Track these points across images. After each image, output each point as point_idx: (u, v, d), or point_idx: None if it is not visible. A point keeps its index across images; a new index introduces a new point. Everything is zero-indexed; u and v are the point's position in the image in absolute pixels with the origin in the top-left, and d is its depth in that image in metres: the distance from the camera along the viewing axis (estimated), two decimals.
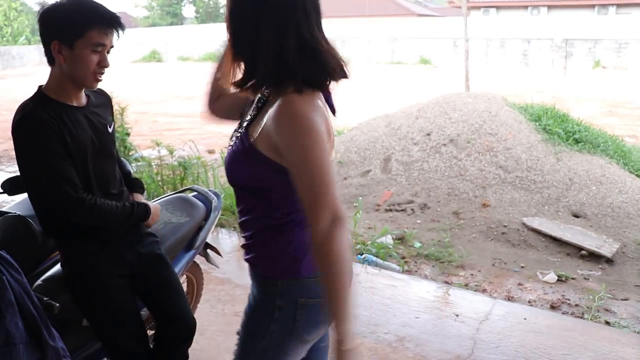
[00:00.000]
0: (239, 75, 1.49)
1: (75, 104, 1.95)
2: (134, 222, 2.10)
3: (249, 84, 1.47)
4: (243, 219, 1.61)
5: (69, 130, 1.87)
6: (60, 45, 1.82)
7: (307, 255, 1.52)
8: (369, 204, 6.05)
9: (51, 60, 1.88)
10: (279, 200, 1.51)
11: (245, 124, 1.54)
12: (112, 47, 1.91)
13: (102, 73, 1.92)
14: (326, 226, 1.35)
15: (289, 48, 1.40)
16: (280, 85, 1.41)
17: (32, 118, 1.82)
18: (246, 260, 1.64)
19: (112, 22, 1.86)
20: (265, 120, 1.44)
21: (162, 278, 2.27)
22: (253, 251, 1.61)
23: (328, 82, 1.47)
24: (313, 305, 1.55)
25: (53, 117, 1.83)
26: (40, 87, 1.94)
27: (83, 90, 1.99)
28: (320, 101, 1.46)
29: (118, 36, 1.90)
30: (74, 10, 1.81)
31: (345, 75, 1.50)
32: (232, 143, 1.57)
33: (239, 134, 1.55)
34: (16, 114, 1.86)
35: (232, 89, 1.54)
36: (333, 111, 1.54)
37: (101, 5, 1.86)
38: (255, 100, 1.56)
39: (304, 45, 1.42)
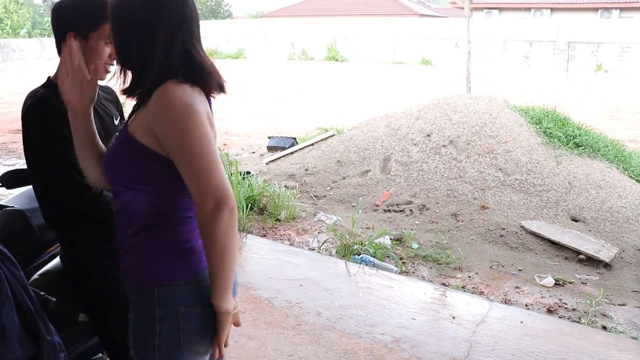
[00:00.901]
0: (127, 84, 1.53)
1: None
2: None
3: (137, 92, 1.51)
4: (120, 220, 1.58)
5: None
6: (75, 37, 1.84)
7: (183, 258, 1.50)
8: (368, 204, 6.04)
9: (60, 51, 1.92)
10: (158, 198, 1.50)
11: (126, 119, 1.57)
12: None
13: (112, 65, 1.96)
14: (210, 211, 1.36)
15: (175, 54, 1.45)
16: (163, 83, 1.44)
17: (43, 104, 1.87)
18: (122, 272, 1.60)
19: None
20: (144, 111, 1.47)
21: None
22: (128, 259, 1.58)
23: (207, 89, 1.50)
24: (196, 315, 1.49)
25: (63, 104, 1.84)
26: (49, 77, 1.98)
27: None
28: (202, 97, 1.48)
29: None
30: (90, 3, 1.86)
31: (223, 91, 1.55)
32: (113, 141, 1.58)
33: (120, 130, 1.58)
34: (26, 100, 1.91)
35: (122, 97, 1.57)
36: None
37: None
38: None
39: (189, 55, 1.47)
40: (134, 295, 1.57)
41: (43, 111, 1.86)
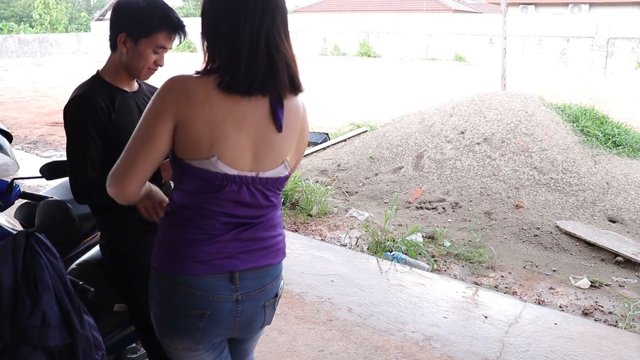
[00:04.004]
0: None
1: (127, 89, 2.09)
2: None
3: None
4: None
5: (118, 115, 1.99)
6: (126, 39, 1.95)
7: (170, 253, 1.54)
8: (400, 201, 6.01)
9: (113, 47, 2.01)
10: (175, 189, 1.57)
11: None
12: (170, 49, 2.04)
13: (156, 70, 2.06)
14: (107, 181, 1.51)
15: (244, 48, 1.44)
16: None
17: (82, 97, 1.95)
18: None
19: (178, 28, 1.99)
20: None
21: None
22: None
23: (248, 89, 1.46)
24: (168, 309, 1.55)
25: (105, 99, 1.97)
26: (98, 70, 2.07)
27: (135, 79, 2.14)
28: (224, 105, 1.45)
29: (180, 42, 2.04)
30: (147, 11, 1.92)
31: (297, 90, 1.54)
32: None
33: None
34: (73, 92, 2.01)
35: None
36: (279, 127, 1.51)
37: (172, 10, 1.98)
38: None
39: (256, 52, 1.45)
40: None
41: (79, 105, 1.94)
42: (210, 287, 1.51)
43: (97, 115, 1.94)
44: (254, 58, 1.43)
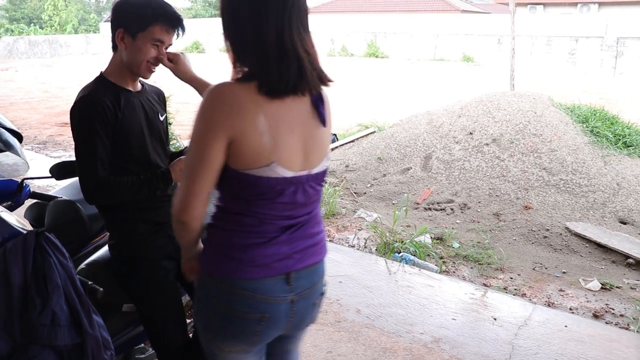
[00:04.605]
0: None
1: (131, 89, 2.09)
2: (156, 189, 2.11)
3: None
4: None
5: (122, 112, 2.00)
6: (124, 34, 1.97)
7: (228, 258, 1.51)
8: (408, 202, 5.99)
9: (115, 47, 2.03)
10: (223, 196, 1.54)
11: None
12: (170, 44, 2.06)
13: (156, 65, 2.06)
14: (172, 212, 1.49)
15: (270, 49, 1.42)
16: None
17: (88, 98, 1.96)
18: None
19: (174, 22, 2.00)
20: None
21: None
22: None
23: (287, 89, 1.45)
24: (224, 313, 1.53)
25: (110, 99, 1.98)
26: (101, 72, 2.08)
27: (139, 79, 2.15)
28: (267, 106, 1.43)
29: (177, 36, 2.05)
30: (142, 5, 1.95)
31: (325, 84, 1.53)
32: None
33: None
34: (78, 94, 2.02)
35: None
36: (323, 122, 1.54)
37: (168, 4, 1.99)
38: None
39: (282, 48, 1.42)
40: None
41: (86, 105, 1.96)
42: (269, 290, 1.51)
43: (104, 115, 1.95)
44: (282, 60, 1.42)
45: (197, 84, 2.07)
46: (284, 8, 1.41)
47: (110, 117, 1.96)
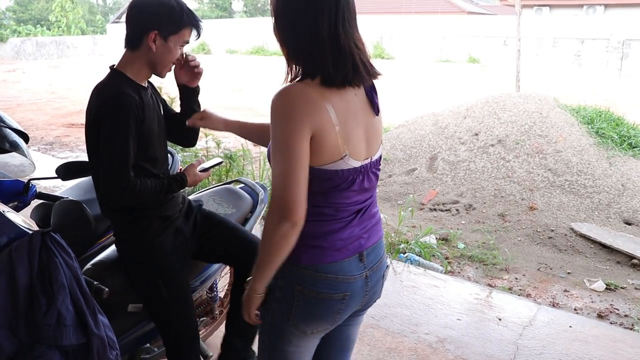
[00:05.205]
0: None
1: (144, 85, 2.11)
2: (172, 192, 2.15)
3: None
4: None
5: (145, 109, 2.01)
6: (157, 36, 1.97)
7: (310, 247, 1.58)
8: (414, 202, 5.99)
9: (135, 44, 2.00)
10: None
11: None
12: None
13: (174, 64, 2.12)
14: (272, 217, 1.49)
15: (325, 48, 1.48)
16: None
17: (122, 95, 1.94)
18: None
19: (198, 24, 2.07)
20: None
21: (218, 220, 2.42)
22: None
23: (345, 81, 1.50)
24: (310, 297, 1.59)
25: (137, 96, 1.98)
26: (114, 67, 2.06)
27: None
28: (339, 98, 1.50)
29: (197, 37, 2.11)
30: (176, 8, 1.98)
31: (374, 77, 1.59)
32: None
33: None
34: (99, 92, 1.97)
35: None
36: (376, 110, 1.63)
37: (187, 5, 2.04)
38: None
39: (337, 44, 1.48)
40: None
41: (121, 103, 1.92)
42: (348, 270, 1.61)
43: (137, 112, 1.95)
44: (338, 54, 1.48)
45: (235, 127, 2.11)
46: (337, 7, 1.47)
47: (140, 115, 1.97)
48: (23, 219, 1.88)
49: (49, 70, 23.65)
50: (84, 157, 3.77)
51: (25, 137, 2.34)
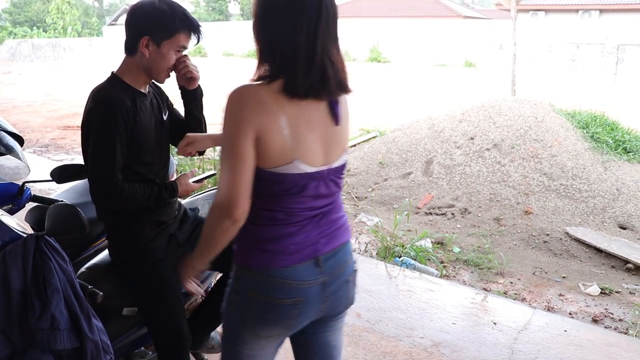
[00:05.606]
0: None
1: (143, 91, 2.10)
2: (163, 200, 2.15)
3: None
4: None
5: (139, 114, 2.01)
6: (149, 41, 1.97)
7: (262, 251, 1.58)
8: (409, 206, 6.00)
9: (132, 50, 2.02)
10: (252, 194, 1.57)
11: None
12: (187, 48, 2.09)
13: (173, 70, 2.09)
14: (214, 210, 1.53)
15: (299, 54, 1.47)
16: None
17: (111, 98, 1.95)
18: None
19: (196, 29, 2.04)
20: None
21: None
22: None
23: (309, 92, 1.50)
24: (263, 302, 1.60)
25: (130, 101, 1.98)
26: (114, 72, 2.07)
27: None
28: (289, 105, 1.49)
29: (197, 41, 2.09)
30: (168, 13, 1.96)
31: (345, 92, 1.60)
32: None
33: None
34: (93, 95, 1.99)
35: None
36: (336, 121, 1.60)
37: (187, 11, 2.03)
38: None
39: (312, 56, 1.48)
40: None
41: (109, 105, 1.94)
42: (301, 275, 1.59)
43: (127, 117, 1.95)
44: (309, 67, 1.48)
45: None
46: (318, 15, 1.47)
47: (132, 119, 1.97)
48: (17, 222, 1.87)
49: (45, 73, 23.60)
50: (79, 159, 3.76)
51: (20, 140, 2.33)
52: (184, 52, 2.09)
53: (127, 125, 1.96)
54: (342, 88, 1.57)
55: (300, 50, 1.47)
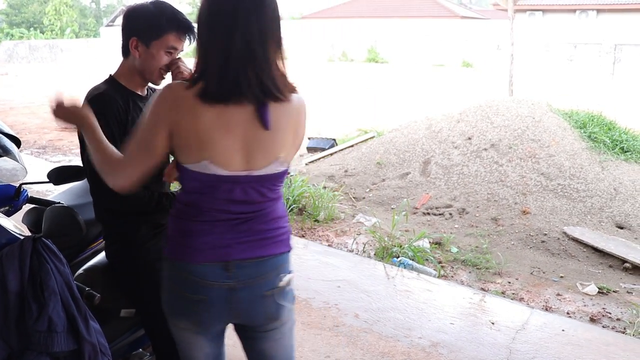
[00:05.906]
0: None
1: (140, 93, 2.12)
2: (163, 207, 2.14)
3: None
4: None
5: (132, 116, 2.02)
6: (138, 42, 1.99)
7: (177, 243, 1.64)
8: (407, 206, 6.00)
9: (126, 53, 2.04)
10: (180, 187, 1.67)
11: None
12: (181, 50, 2.08)
13: (167, 72, 2.08)
14: (103, 171, 1.61)
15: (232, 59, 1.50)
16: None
17: (103, 96, 1.98)
18: None
19: (187, 29, 2.03)
20: None
21: None
22: None
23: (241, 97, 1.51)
24: (174, 293, 1.66)
25: (122, 101, 2.00)
26: (111, 74, 2.10)
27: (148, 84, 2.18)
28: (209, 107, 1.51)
29: (189, 43, 2.06)
30: (156, 14, 1.97)
31: (270, 97, 1.54)
32: None
33: None
34: (88, 94, 2.02)
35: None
36: (265, 125, 1.53)
37: (180, 12, 2.03)
38: None
39: (228, 60, 1.50)
40: None
41: (101, 103, 1.95)
42: (206, 274, 1.60)
43: (119, 114, 1.97)
44: (223, 73, 1.49)
45: None
46: (234, 21, 1.49)
47: (123, 117, 1.98)
48: (14, 224, 1.87)
49: (42, 74, 23.58)
50: (76, 161, 3.76)
51: (16, 142, 2.32)
52: (180, 54, 2.09)
53: (120, 123, 1.97)
54: (267, 94, 1.52)
55: (212, 56, 1.51)
